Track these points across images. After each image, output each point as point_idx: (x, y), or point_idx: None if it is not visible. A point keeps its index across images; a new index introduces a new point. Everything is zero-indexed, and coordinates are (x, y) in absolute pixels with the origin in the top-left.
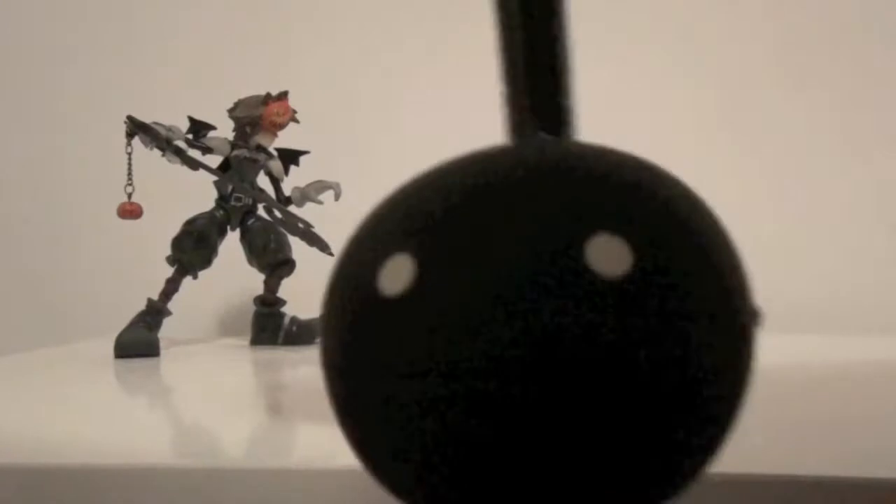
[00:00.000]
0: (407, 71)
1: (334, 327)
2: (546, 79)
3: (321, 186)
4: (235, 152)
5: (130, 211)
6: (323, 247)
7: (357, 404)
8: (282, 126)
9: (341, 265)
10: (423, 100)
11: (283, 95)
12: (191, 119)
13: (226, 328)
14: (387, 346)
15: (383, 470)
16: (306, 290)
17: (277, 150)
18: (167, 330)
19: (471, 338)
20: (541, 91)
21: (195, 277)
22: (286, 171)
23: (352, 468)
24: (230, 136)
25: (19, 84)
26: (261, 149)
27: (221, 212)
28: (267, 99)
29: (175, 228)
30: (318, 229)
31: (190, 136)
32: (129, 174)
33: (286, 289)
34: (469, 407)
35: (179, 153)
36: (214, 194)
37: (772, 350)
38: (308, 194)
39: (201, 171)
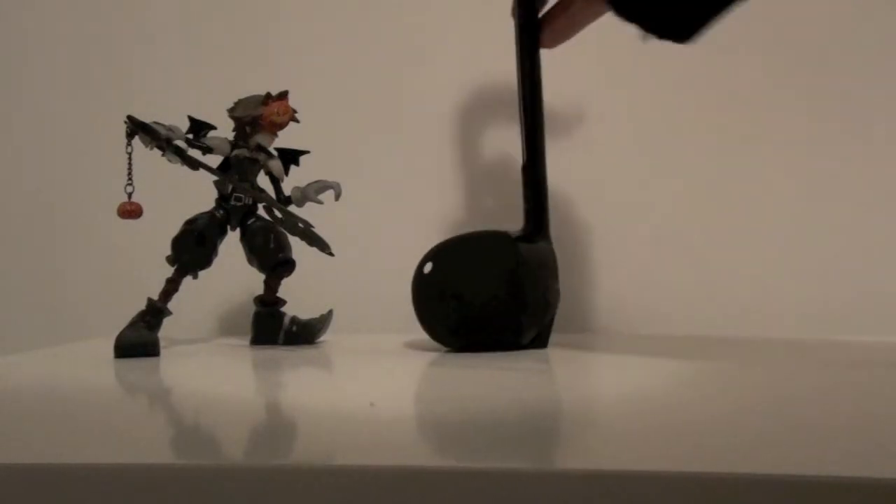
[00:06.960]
0: (407, 70)
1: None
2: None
3: (321, 186)
4: (235, 152)
5: (130, 211)
6: (323, 247)
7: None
8: (282, 126)
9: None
10: (423, 99)
11: (283, 95)
12: (191, 119)
13: (226, 328)
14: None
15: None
16: (306, 290)
17: (277, 149)
18: (167, 330)
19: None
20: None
21: (195, 277)
22: (286, 171)
23: (351, 468)
24: (230, 135)
25: (19, 84)
26: (261, 148)
27: (221, 212)
28: (267, 99)
29: (175, 228)
30: (318, 229)
31: (190, 136)
32: (129, 174)
33: (286, 289)
34: (451, 305)
35: (179, 153)
36: (214, 194)
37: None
38: (308, 194)
39: (201, 171)
